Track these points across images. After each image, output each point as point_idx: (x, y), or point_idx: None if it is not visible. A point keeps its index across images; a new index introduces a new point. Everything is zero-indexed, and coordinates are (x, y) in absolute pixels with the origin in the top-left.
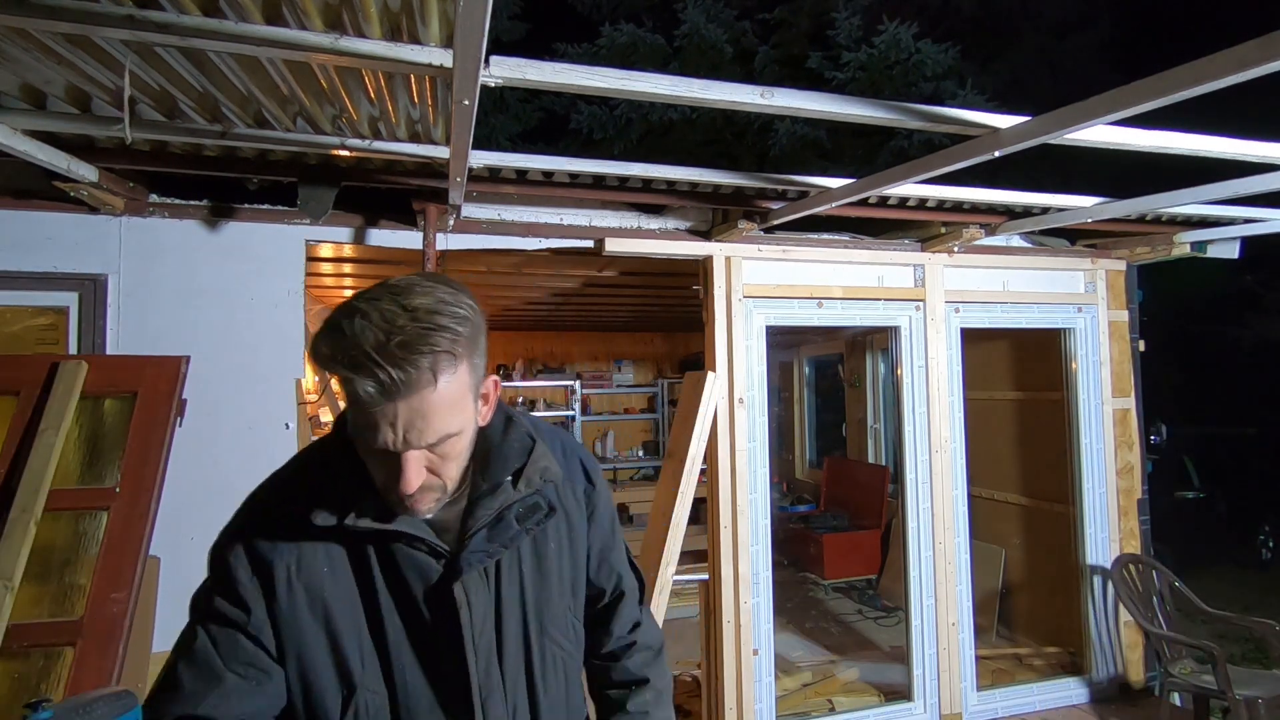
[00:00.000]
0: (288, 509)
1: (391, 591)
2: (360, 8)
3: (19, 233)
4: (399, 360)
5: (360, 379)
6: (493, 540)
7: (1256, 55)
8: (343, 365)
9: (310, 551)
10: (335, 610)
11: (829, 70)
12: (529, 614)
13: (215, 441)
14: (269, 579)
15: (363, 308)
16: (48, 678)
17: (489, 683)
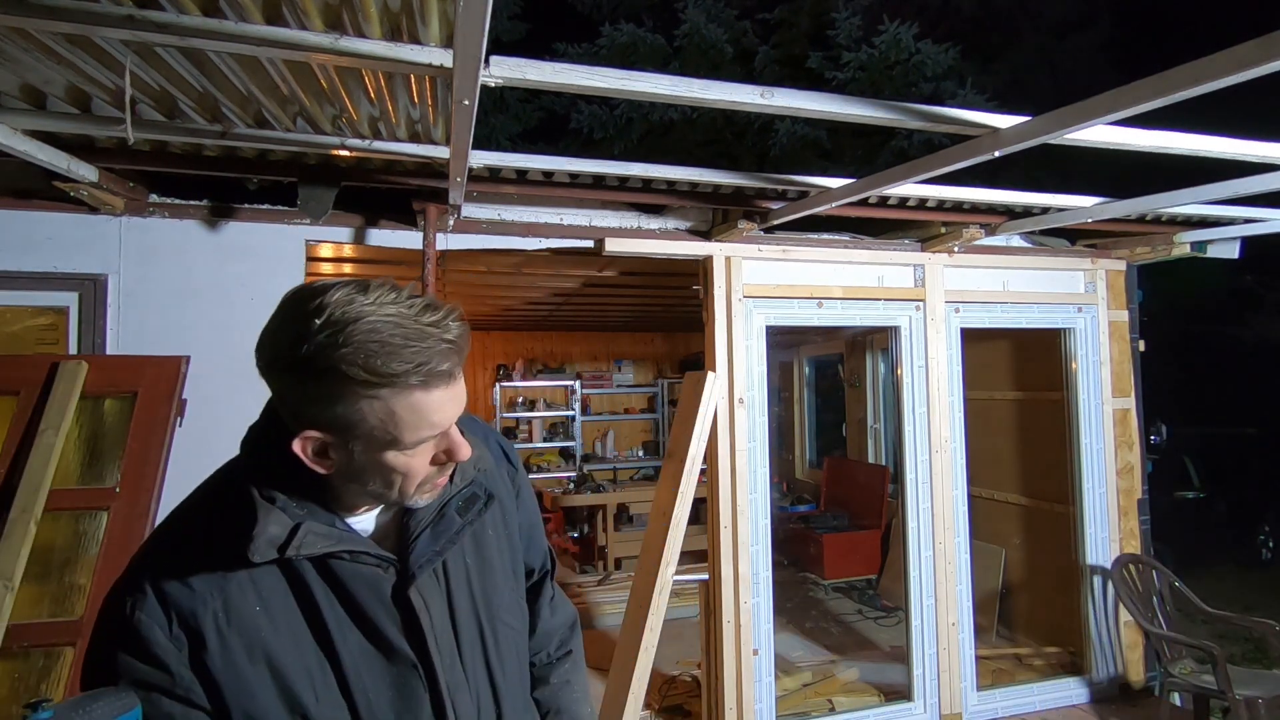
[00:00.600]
0: (201, 552)
1: (344, 611)
2: (360, 8)
3: (19, 233)
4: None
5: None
6: (438, 539)
7: (1256, 55)
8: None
9: (237, 592)
10: (275, 649)
11: (829, 70)
12: (479, 605)
13: (215, 441)
14: (195, 633)
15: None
16: (48, 678)
17: (454, 680)
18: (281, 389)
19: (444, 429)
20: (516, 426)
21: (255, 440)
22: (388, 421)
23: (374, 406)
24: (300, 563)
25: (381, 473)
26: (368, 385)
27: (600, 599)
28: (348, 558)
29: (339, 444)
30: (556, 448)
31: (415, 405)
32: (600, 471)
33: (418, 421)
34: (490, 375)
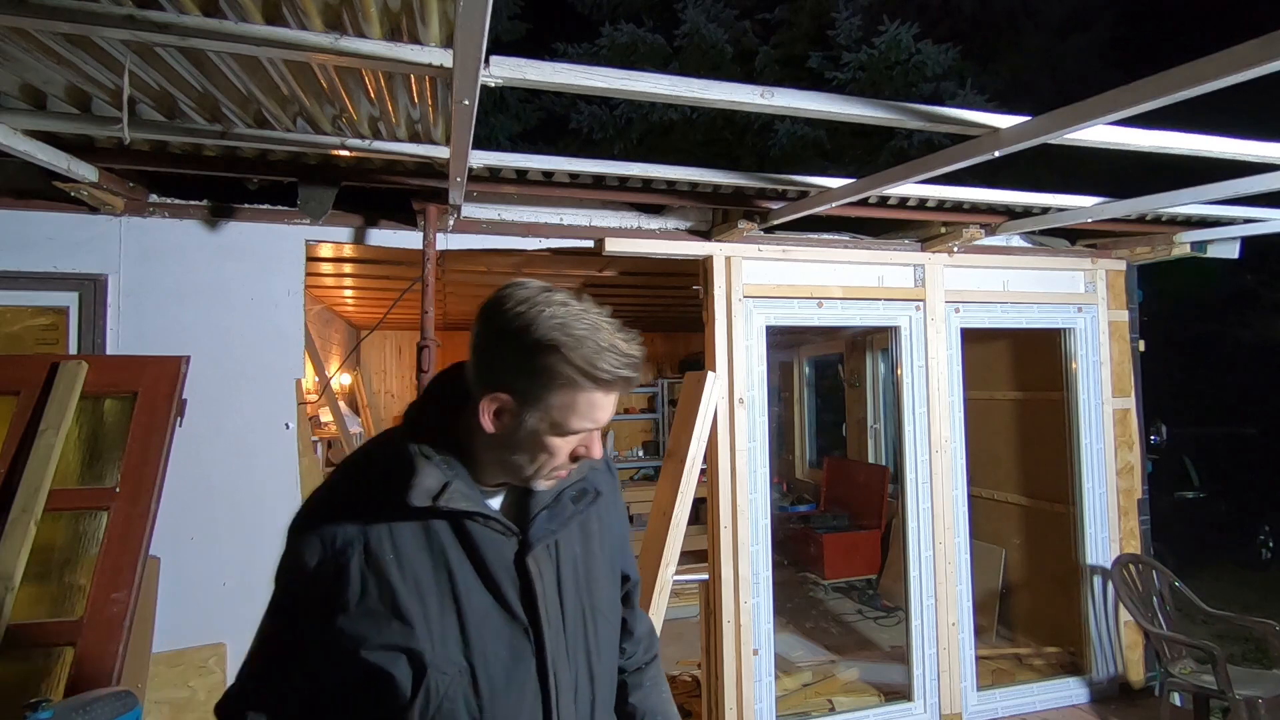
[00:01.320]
0: (361, 498)
1: (472, 568)
2: (360, 8)
3: (19, 233)
4: (641, 358)
5: (634, 378)
6: (553, 520)
7: (1256, 55)
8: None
9: (376, 541)
10: (402, 596)
11: (829, 70)
12: (583, 590)
13: (215, 441)
14: (342, 569)
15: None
16: (48, 678)
17: (557, 650)
18: (492, 355)
19: (598, 428)
20: None
21: (416, 412)
22: (566, 406)
23: (564, 390)
24: (437, 523)
25: (534, 448)
26: (574, 370)
27: None
28: (481, 520)
29: (516, 411)
30: None
31: (592, 400)
32: None
33: (587, 414)
34: None
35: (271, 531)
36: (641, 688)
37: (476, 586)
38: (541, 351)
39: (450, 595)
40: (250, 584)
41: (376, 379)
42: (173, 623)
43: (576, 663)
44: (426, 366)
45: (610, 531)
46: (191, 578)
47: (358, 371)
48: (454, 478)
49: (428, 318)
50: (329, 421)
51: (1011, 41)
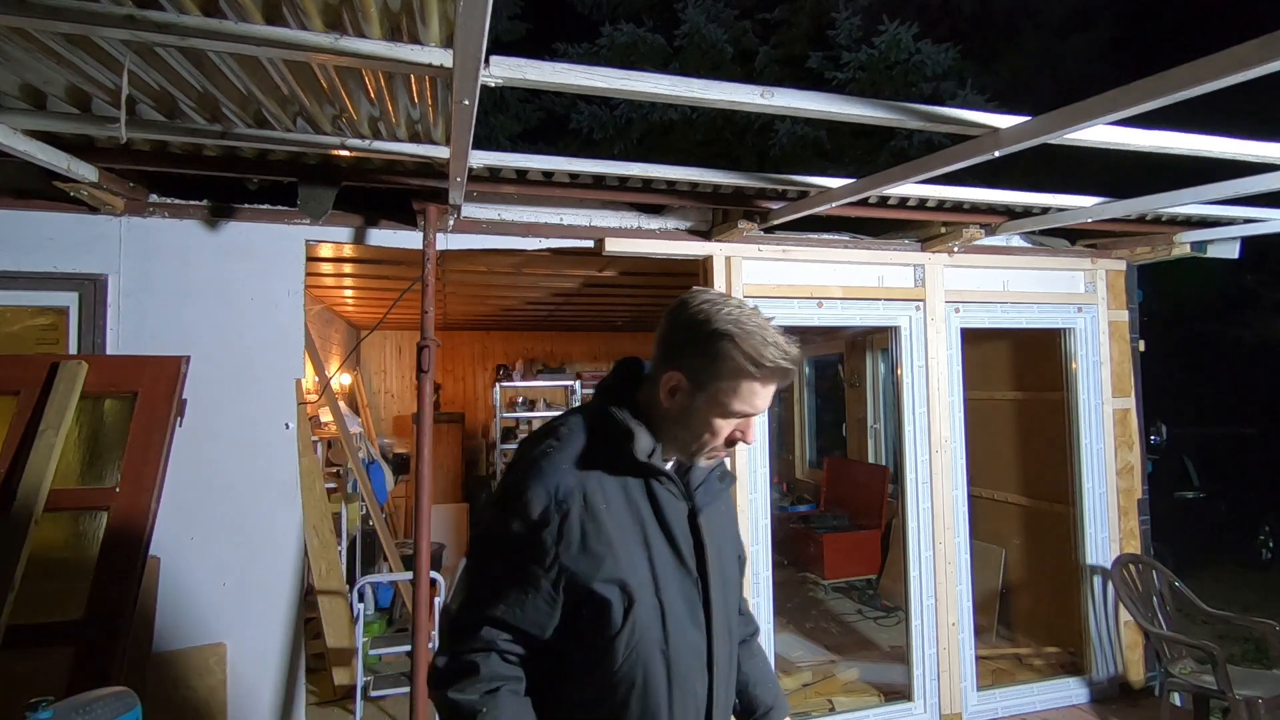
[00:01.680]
0: (574, 458)
1: (657, 524)
2: (360, 8)
3: (19, 233)
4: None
5: (793, 368)
6: (707, 494)
7: (1256, 55)
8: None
9: (593, 491)
10: (614, 537)
11: (829, 70)
12: (725, 561)
13: (215, 441)
14: (565, 514)
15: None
16: (48, 677)
17: (717, 602)
18: (674, 339)
19: (754, 415)
20: (516, 426)
21: (611, 389)
22: (731, 391)
23: (731, 375)
24: (633, 480)
25: (700, 425)
26: (742, 357)
27: None
28: (667, 482)
29: (689, 390)
30: None
31: (754, 389)
32: None
33: (748, 399)
34: (490, 375)
35: (272, 531)
36: (754, 657)
37: (660, 538)
38: (716, 338)
39: (643, 543)
40: (250, 584)
41: (376, 379)
42: (173, 623)
43: (726, 619)
44: (426, 366)
45: (732, 512)
46: (191, 578)
47: (358, 371)
48: (656, 443)
49: (428, 318)
50: (329, 421)
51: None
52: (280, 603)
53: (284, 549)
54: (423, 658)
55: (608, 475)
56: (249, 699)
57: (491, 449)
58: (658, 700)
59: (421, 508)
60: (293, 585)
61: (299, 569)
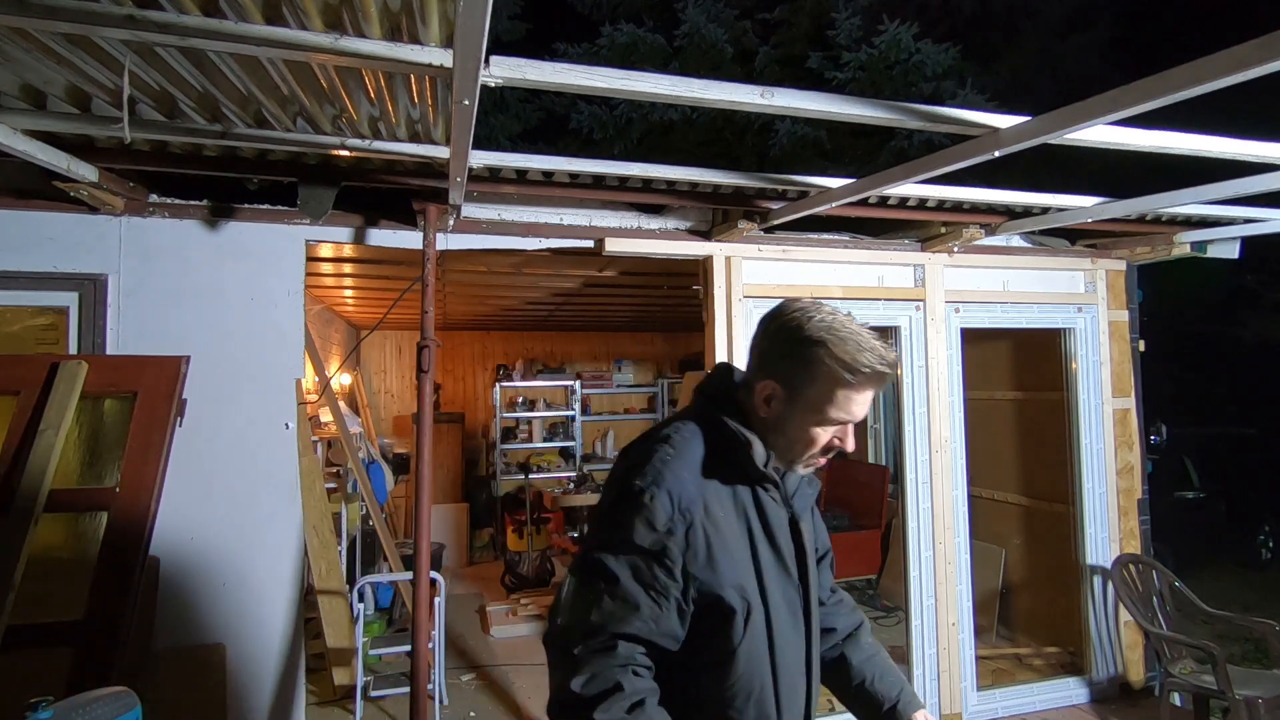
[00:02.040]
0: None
1: (762, 529)
2: (360, 8)
3: (19, 233)
4: (895, 361)
5: (889, 374)
6: (801, 500)
7: (1255, 55)
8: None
9: (710, 497)
10: (730, 541)
11: (829, 70)
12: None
13: (215, 441)
14: (689, 520)
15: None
16: (48, 677)
17: (814, 604)
18: (768, 348)
19: (852, 422)
20: (516, 426)
21: (716, 396)
22: (826, 397)
23: (826, 382)
24: (741, 488)
25: (797, 433)
26: (836, 364)
27: None
28: (773, 489)
29: (785, 399)
30: (556, 448)
31: (850, 396)
32: (600, 471)
33: (844, 407)
34: (490, 375)
35: (272, 531)
36: (865, 651)
37: (766, 546)
38: (810, 345)
39: (752, 551)
40: (250, 584)
41: (376, 379)
42: (173, 623)
43: (818, 622)
44: (426, 366)
45: (815, 514)
46: (191, 578)
47: (358, 371)
48: (753, 450)
49: (428, 318)
50: (329, 421)
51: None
52: (280, 603)
53: (284, 549)
54: (423, 658)
55: (722, 484)
56: (249, 699)
57: (491, 449)
58: (770, 707)
59: (421, 508)
60: (293, 585)
61: (299, 569)
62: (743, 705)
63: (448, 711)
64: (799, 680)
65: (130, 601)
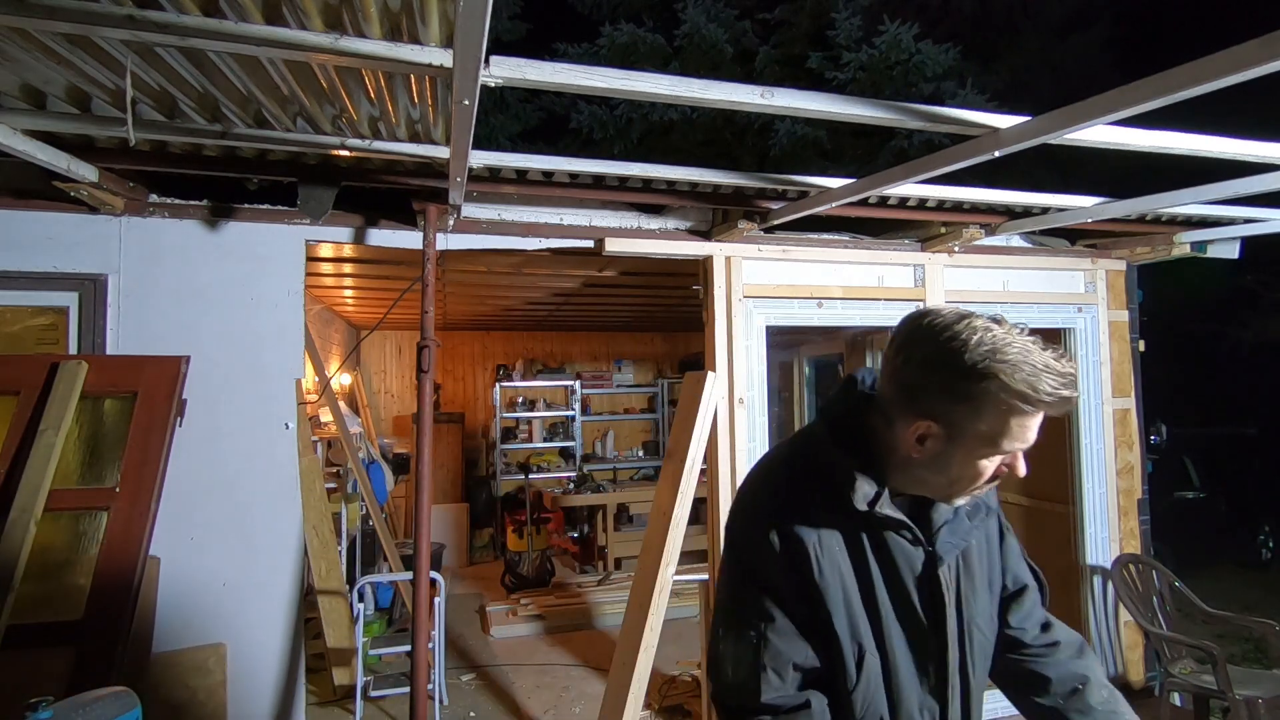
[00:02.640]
0: (806, 502)
1: (882, 571)
2: (360, 8)
3: (19, 233)
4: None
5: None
6: (954, 534)
7: (1256, 55)
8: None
9: (827, 533)
10: (846, 582)
11: (829, 70)
12: (974, 602)
13: (215, 441)
14: (804, 555)
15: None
16: (48, 677)
17: (958, 656)
18: (919, 383)
19: (1027, 446)
20: (516, 426)
21: (839, 418)
22: (1000, 429)
23: (1000, 416)
24: (859, 524)
25: (961, 470)
26: (1013, 396)
27: (600, 599)
28: (896, 528)
29: (943, 437)
30: (556, 448)
31: (1026, 423)
32: (600, 471)
33: (1020, 435)
34: (490, 375)
35: (272, 531)
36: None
37: (884, 587)
38: (977, 379)
39: (868, 593)
40: (250, 584)
41: (376, 379)
42: (173, 623)
43: (970, 676)
44: (426, 366)
45: (992, 545)
46: (191, 578)
47: (358, 371)
48: (880, 488)
49: (428, 318)
50: (329, 421)
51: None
52: (280, 603)
53: (284, 549)
54: (423, 658)
55: (834, 517)
56: (249, 699)
57: (491, 449)
58: None
59: (421, 508)
60: (293, 585)
61: (299, 569)
62: None
63: (448, 711)
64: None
65: (130, 601)
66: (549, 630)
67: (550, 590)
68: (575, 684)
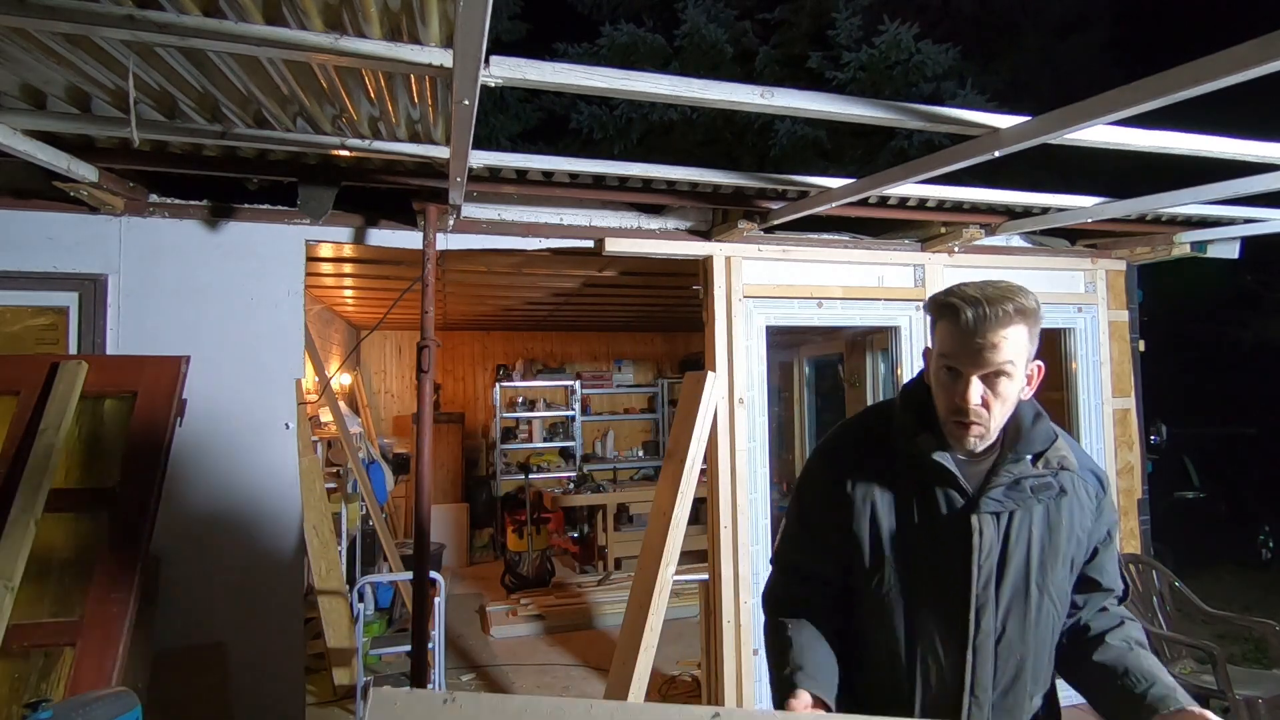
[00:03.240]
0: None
1: (919, 508)
2: (360, 8)
3: (19, 233)
4: (992, 300)
5: (965, 309)
6: (1007, 496)
7: (1256, 55)
8: (959, 299)
9: (870, 469)
10: (880, 510)
11: (829, 70)
12: (1032, 564)
13: (215, 441)
14: (843, 481)
15: (966, 285)
16: (48, 678)
17: (985, 597)
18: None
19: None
20: (516, 426)
21: (910, 390)
22: (938, 337)
23: (937, 325)
24: (903, 467)
25: (936, 387)
26: (933, 307)
27: (600, 599)
28: (934, 468)
29: (934, 353)
30: (556, 448)
31: (949, 330)
32: (600, 471)
33: (947, 343)
34: (490, 375)
35: (271, 531)
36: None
37: (924, 519)
38: (932, 309)
39: (906, 522)
40: (250, 584)
41: (376, 379)
42: (173, 623)
43: (1008, 618)
44: (426, 366)
45: (1075, 531)
46: (191, 578)
47: (358, 371)
48: (923, 431)
49: (428, 318)
50: (329, 421)
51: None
52: (280, 603)
53: (284, 549)
54: (423, 658)
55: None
56: (249, 699)
57: (491, 449)
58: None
59: (422, 508)
60: (293, 585)
61: (299, 569)
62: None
63: None
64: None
65: (130, 601)
66: (549, 630)
67: (550, 590)
68: (575, 684)
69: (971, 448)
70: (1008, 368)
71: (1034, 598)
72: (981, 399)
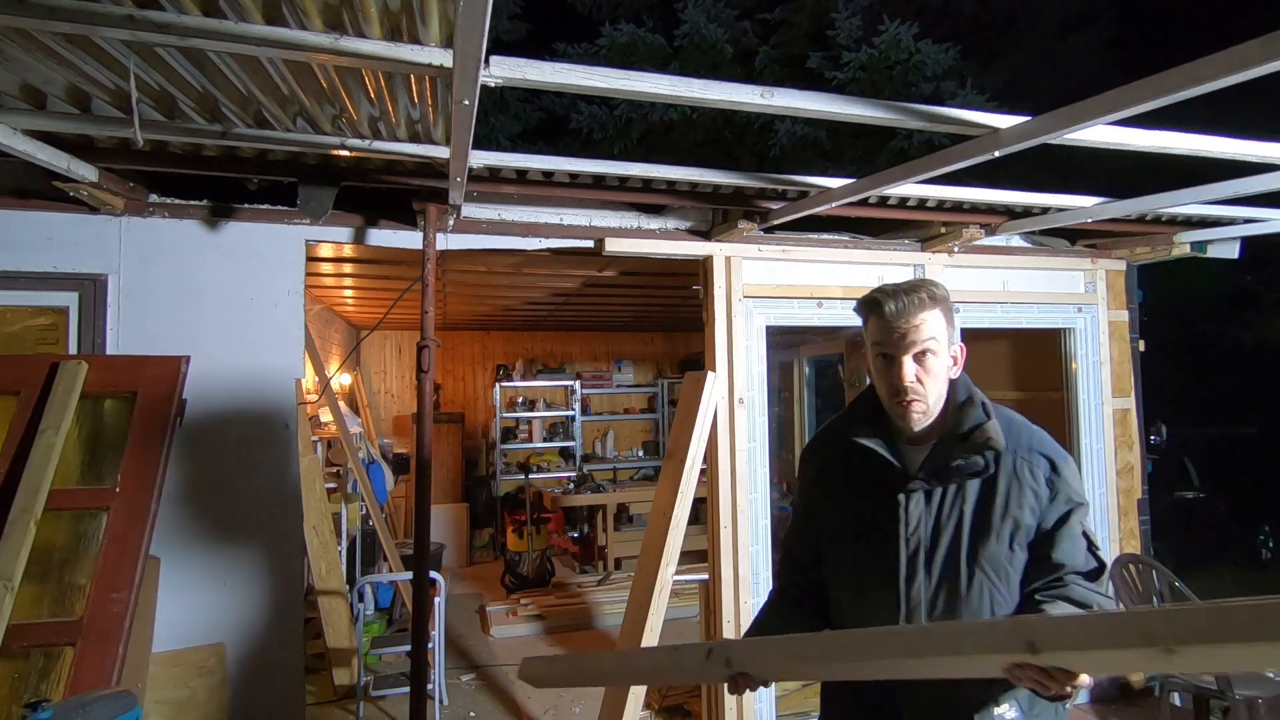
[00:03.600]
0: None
1: (861, 490)
2: (360, 8)
3: (19, 233)
4: (908, 291)
5: (888, 302)
6: (934, 475)
7: (1256, 55)
8: (881, 295)
9: (827, 456)
10: (834, 494)
11: (829, 70)
12: (962, 539)
13: (215, 441)
14: (811, 465)
15: (884, 285)
16: (48, 678)
17: (912, 569)
18: None
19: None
20: (516, 426)
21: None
22: (867, 332)
23: (864, 323)
24: (855, 450)
25: (874, 373)
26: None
27: (600, 599)
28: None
29: (868, 346)
30: (556, 448)
31: (874, 324)
32: (600, 471)
33: (875, 334)
34: (490, 375)
35: (271, 531)
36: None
37: (862, 498)
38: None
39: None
40: (250, 584)
41: (376, 379)
42: (173, 623)
43: (939, 590)
44: (426, 366)
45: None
46: (191, 578)
47: (358, 371)
48: (861, 422)
49: (428, 318)
50: (329, 421)
51: (1011, 41)
52: (280, 602)
53: (284, 549)
54: (423, 658)
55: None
56: (249, 699)
57: (491, 449)
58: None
59: (422, 508)
60: (293, 585)
61: (299, 569)
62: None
63: (448, 711)
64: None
65: (130, 602)
66: (549, 630)
67: (550, 590)
68: None
69: (915, 425)
70: (931, 345)
71: (964, 571)
72: (915, 376)
